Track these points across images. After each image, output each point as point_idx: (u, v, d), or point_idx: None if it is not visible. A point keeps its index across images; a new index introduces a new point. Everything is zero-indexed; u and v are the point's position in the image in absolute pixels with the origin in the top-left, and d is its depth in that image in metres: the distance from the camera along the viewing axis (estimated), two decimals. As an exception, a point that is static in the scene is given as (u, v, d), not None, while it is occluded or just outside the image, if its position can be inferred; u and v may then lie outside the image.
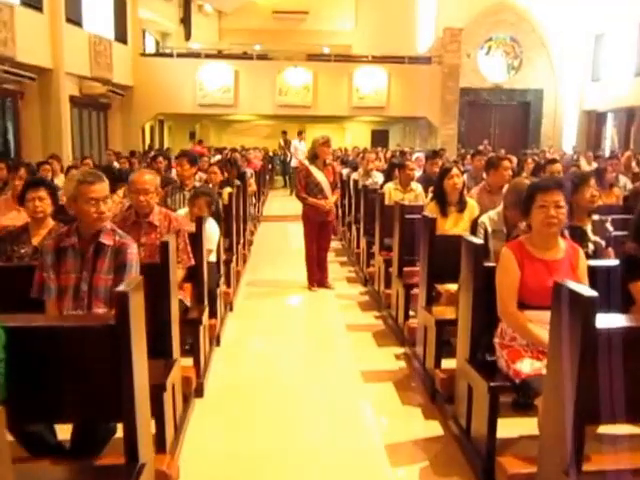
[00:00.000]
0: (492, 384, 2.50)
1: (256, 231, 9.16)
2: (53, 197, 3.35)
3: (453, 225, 4.33)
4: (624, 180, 6.61)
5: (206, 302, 3.82)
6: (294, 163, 14.58)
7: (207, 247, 4.27)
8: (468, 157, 9.78)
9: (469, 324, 2.78)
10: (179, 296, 3.48)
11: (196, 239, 3.75)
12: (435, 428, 3.12)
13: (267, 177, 15.38)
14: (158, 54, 18.88)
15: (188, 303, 3.62)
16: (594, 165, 9.65)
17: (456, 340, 3.92)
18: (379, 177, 7.79)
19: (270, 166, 17.42)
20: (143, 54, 17.37)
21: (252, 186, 8.56)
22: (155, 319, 2.81)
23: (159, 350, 2.85)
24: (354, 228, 7.11)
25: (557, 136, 18.71)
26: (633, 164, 8.17)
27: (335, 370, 3.95)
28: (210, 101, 16.63)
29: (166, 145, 19.46)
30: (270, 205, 13.07)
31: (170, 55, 17.64)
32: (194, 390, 3.31)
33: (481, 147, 15.02)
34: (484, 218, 3.42)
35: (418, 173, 7.03)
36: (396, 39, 18.86)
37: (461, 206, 4.39)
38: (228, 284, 5.15)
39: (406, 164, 5.80)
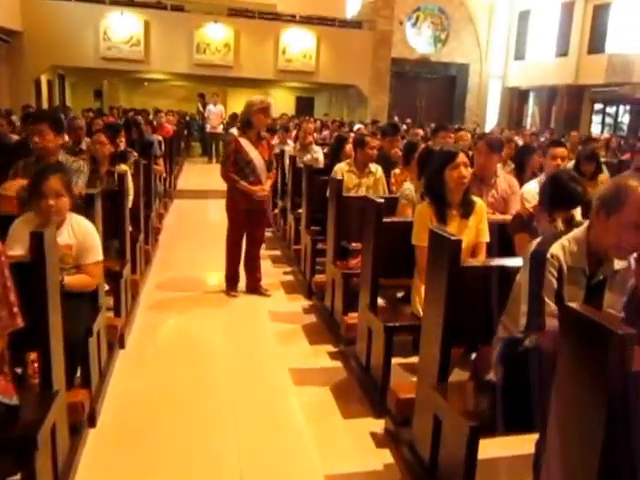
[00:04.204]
0: None
1: (167, 213, 7.16)
2: None
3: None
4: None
5: (58, 384, 2.03)
6: (208, 128, 13.08)
7: (94, 260, 2.63)
8: (412, 132, 8.29)
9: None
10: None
11: (35, 269, 1.92)
12: None
13: (182, 144, 13.13)
14: (54, -4, 15.63)
15: (14, 400, 1.81)
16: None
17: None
18: (319, 152, 6.15)
19: (186, 132, 15.10)
20: (35, -5, 14.20)
21: (160, 166, 6.51)
22: None
23: None
24: (291, 217, 5.41)
25: (481, 112, 17.82)
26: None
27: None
28: (116, 54, 13.91)
29: (68, 104, 16.44)
30: (186, 177, 10.90)
31: (68, -2, 14.57)
32: None
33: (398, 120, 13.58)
34: (557, 249, 1.85)
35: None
36: (324, 1, 16.86)
37: (466, 209, 2.85)
38: (117, 311, 3.34)
39: (367, 141, 4.15)
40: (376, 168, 4.36)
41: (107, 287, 3.27)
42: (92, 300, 2.71)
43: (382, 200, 2.91)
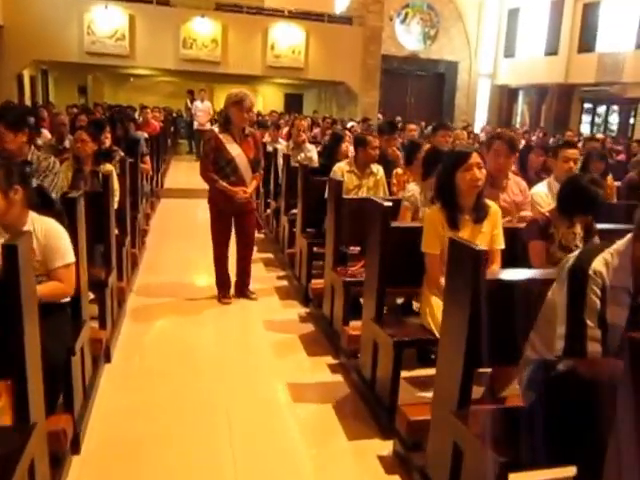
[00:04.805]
0: None
1: (154, 213, 6.89)
2: None
3: (470, 244, 2.58)
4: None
5: (36, 415, 1.79)
6: (195, 125, 12.84)
7: (63, 262, 2.31)
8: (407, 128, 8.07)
9: None
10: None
11: (8, 287, 1.68)
12: None
13: (169, 141, 12.80)
14: (35, -11, 15.14)
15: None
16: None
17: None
18: (313, 151, 5.94)
19: (173, 129, 14.74)
20: (15, -14, 13.73)
21: (147, 164, 6.22)
22: None
23: None
24: (285, 219, 5.18)
25: (471, 110, 17.71)
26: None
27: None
28: (100, 49, 13.47)
29: (52, 100, 15.98)
30: (173, 176, 10.61)
31: (50, -9, 14.10)
32: None
33: (398, 119, 13.42)
34: (599, 264, 1.66)
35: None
36: (312, -4, 16.58)
37: (479, 213, 2.66)
38: (102, 322, 3.10)
39: (368, 140, 3.94)
40: (377, 169, 4.16)
41: (92, 296, 3.03)
42: (74, 314, 2.47)
43: (390, 204, 2.70)
